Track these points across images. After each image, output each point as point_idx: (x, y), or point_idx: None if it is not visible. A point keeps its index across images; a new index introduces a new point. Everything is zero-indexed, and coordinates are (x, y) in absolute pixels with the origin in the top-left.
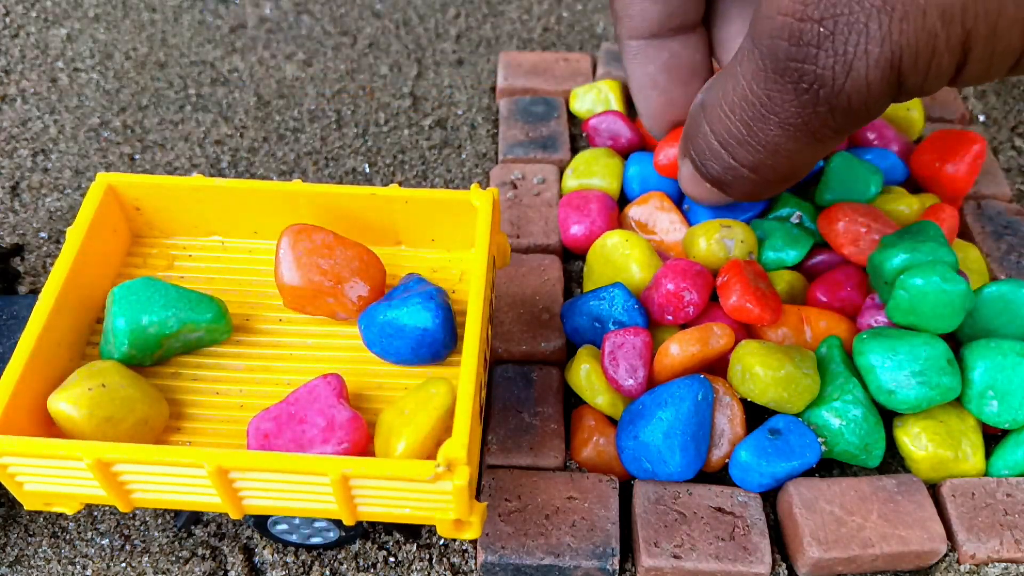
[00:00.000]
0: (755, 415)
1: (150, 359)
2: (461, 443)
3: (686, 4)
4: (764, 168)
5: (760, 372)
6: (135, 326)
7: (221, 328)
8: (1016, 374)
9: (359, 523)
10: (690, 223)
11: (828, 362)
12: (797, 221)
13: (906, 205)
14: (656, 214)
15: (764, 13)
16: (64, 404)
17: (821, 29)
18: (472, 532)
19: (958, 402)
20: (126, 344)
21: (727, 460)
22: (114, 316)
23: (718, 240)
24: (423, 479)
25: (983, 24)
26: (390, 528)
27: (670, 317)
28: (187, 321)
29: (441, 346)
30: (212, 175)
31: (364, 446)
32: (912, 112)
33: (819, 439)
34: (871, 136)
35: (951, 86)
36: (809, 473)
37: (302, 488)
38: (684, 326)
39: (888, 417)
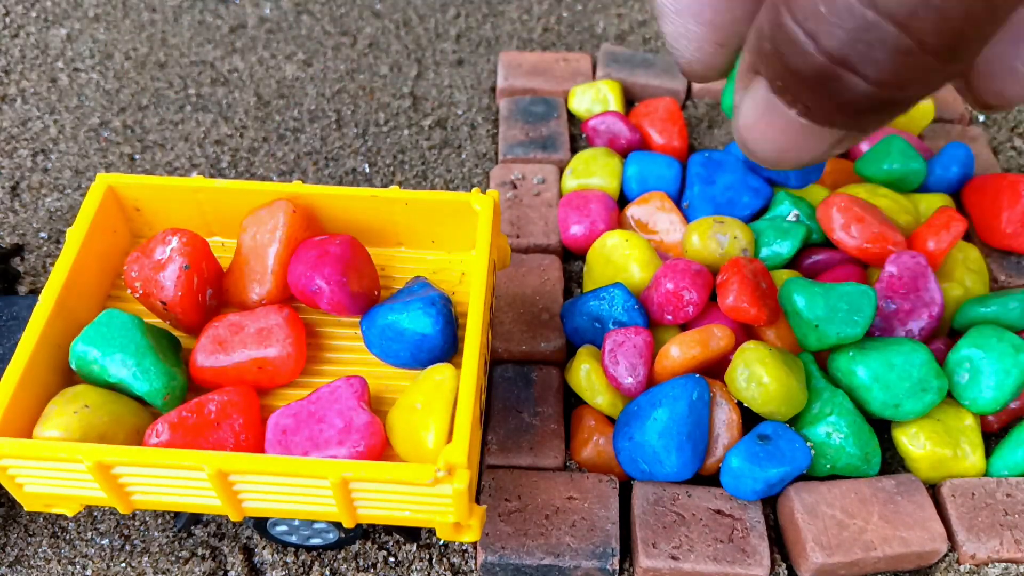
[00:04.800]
0: (744, 420)
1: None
2: (461, 448)
3: None
4: (922, 17)
5: (767, 382)
6: (84, 354)
7: (158, 405)
8: (999, 360)
9: (358, 524)
10: (690, 223)
11: (808, 378)
12: (794, 219)
13: (926, 205)
14: (656, 214)
15: None
16: (54, 431)
17: None
18: (472, 535)
19: (955, 401)
20: (74, 364)
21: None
22: (83, 332)
23: (711, 236)
24: (423, 483)
25: None
26: (390, 528)
27: (670, 317)
28: (123, 380)
29: (440, 352)
30: (212, 175)
31: (380, 451)
32: (925, 102)
33: (807, 443)
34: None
35: None
36: (804, 478)
37: (302, 491)
38: (684, 326)
39: (877, 422)
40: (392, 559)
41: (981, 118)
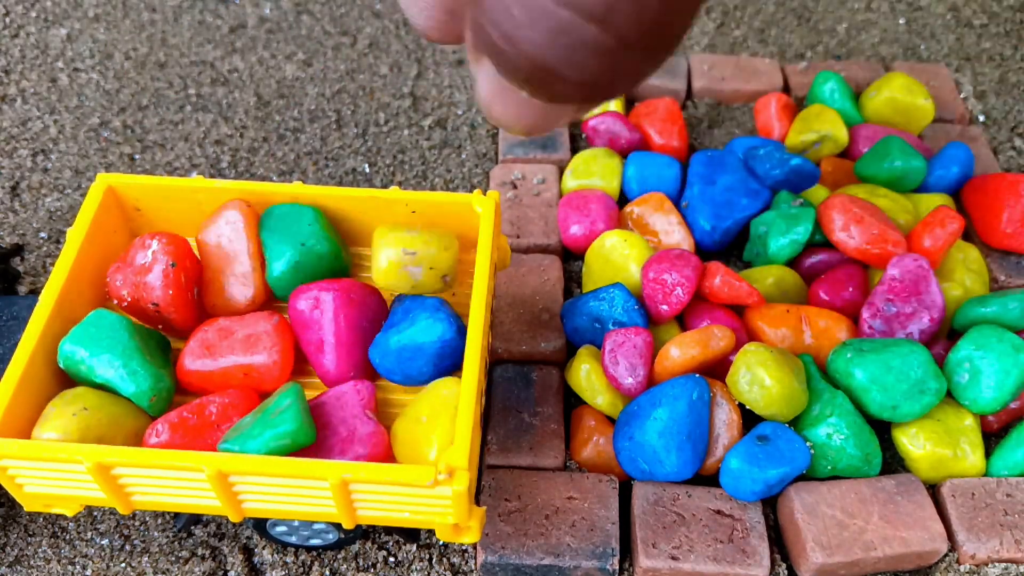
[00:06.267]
0: (744, 420)
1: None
2: (462, 451)
3: None
4: (621, 14)
5: (770, 384)
6: (71, 354)
7: (144, 406)
8: (999, 360)
9: (358, 525)
10: (688, 223)
11: (808, 379)
12: (799, 204)
13: (926, 205)
14: (655, 215)
15: None
16: (52, 433)
17: None
18: (471, 536)
19: (955, 401)
20: (62, 364)
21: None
22: (71, 332)
23: (403, 269)
24: (422, 484)
25: None
26: (390, 528)
27: (665, 307)
28: (110, 381)
29: (462, 354)
30: (212, 175)
31: (383, 459)
32: (925, 102)
33: (807, 443)
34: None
35: None
36: (804, 478)
37: (302, 492)
38: (682, 319)
39: (877, 422)
40: (392, 559)
41: (981, 118)
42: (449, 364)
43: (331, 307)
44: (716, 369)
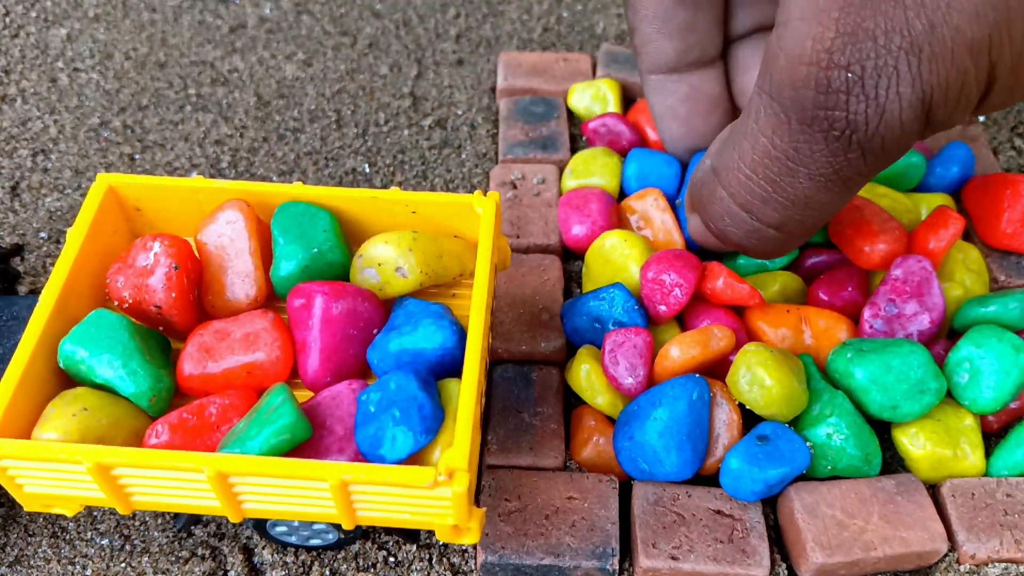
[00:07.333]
0: (744, 420)
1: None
2: (462, 452)
3: (703, 41)
4: (791, 224)
5: (770, 384)
6: (71, 354)
7: (144, 406)
8: (999, 360)
9: (358, 525)
10: (681, 224)
11: (808, 379)
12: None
13: (927, 205)
14: (651, 211)
15: (782, 65)
16: (52, 434)
17: (849, 75)
18: (471, 537)
19: (955, 401)
20: (62, 363)
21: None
22: (71, 332)
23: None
24: (422, 485)
25: (1008, 54)
26: (390, 528)
27: (663, 308)
28: (110, 381)
29: (461, 363)
30: (212, 175)
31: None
32: None
33: (807, 443)
34: None
35: (972, 115)
36: (804, 478)
37: (302, 493)
38: (682, 319)
39: (876, 422)
40: (392, 559)
41: (981, 118)
42: (446, 374)
43: (319, 308)
44: (716, 369)
